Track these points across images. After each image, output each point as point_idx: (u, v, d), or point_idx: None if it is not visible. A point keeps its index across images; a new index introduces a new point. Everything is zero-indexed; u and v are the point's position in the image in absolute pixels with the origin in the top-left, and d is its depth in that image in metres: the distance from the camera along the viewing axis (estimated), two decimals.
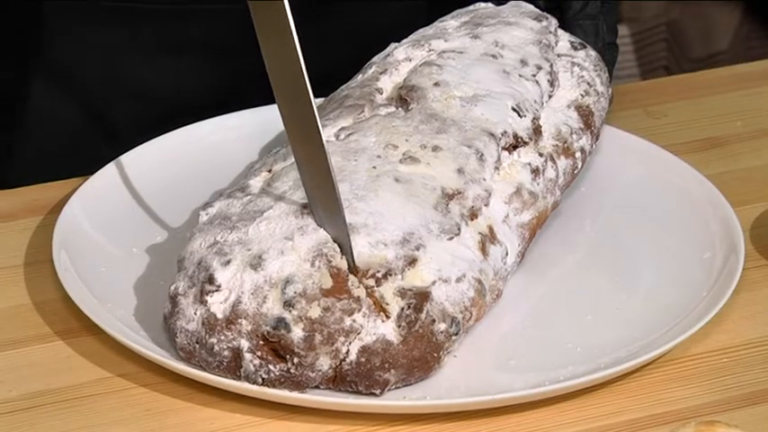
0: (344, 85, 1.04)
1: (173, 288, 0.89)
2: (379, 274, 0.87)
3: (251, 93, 1.06)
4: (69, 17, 1.21)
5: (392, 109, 0.98)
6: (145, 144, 1.07)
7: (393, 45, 1.04)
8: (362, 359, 0.86)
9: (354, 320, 0.86)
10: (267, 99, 0.95)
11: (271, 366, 0.86)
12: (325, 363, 0.86)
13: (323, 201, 0.90)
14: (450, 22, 1.06)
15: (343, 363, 0.86)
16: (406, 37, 1.10)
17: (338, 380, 0.87)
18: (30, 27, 1.21)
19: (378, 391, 0.87)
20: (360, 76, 1.03)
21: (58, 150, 1.25)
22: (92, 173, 1.05)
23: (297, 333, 0.85)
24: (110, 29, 1.22)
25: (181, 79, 1.22)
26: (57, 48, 1.22)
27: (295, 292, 0.86)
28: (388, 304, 0.87)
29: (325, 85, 1.09)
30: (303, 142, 0.90)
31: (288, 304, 0.86)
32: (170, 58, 1.21)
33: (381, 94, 1.00)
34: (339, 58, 1.17)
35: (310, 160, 0.90)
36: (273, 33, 0.87)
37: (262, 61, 0.89)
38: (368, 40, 1.17)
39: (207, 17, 1.18)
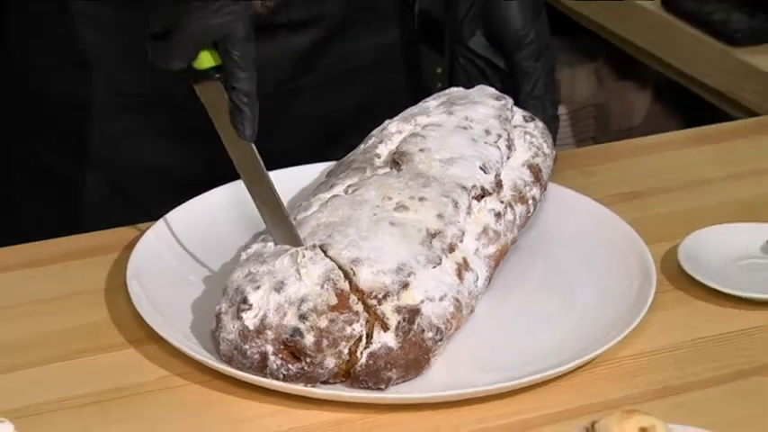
0: (351, 153, 1.04)
1: (217, 308, 0.90)
2: (380, 296, 0.87)
3: None
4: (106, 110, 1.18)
5: (387, 170, 0.98)
6: (197, 197, 1.07)
7: (387, 121, 1.04)
8: (371, 362, 0.87)
9: (354, 329, 0.87)
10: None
11: (289, 365, 0.87)
12: (331, 362, 0.86)
13: (274, 220, 0.92)
14: (431, 102, 1.06)
15: (356, 365, 0.87)
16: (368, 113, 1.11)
17: (352, 378, 0.87)
18: (78, 117, 1.18)
19: (382, 386, 0.87)
20: (362, 146, 1.03)
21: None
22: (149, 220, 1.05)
23: (309, 339, 0.86)
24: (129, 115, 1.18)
25: (189, 156, 1.19)
26: (99, 134, 1.19)
27: (308, 308, 0.86)
28: (388, 319, 0.87)
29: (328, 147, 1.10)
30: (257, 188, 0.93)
31: (302, 317, 0.86)
32: (180, 138, 1.18)
33: (379, 158, 1.00)
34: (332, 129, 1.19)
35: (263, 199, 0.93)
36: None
37: None
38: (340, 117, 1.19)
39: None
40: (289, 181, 1.06)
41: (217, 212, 1.06)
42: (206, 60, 0.93)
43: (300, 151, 1.09)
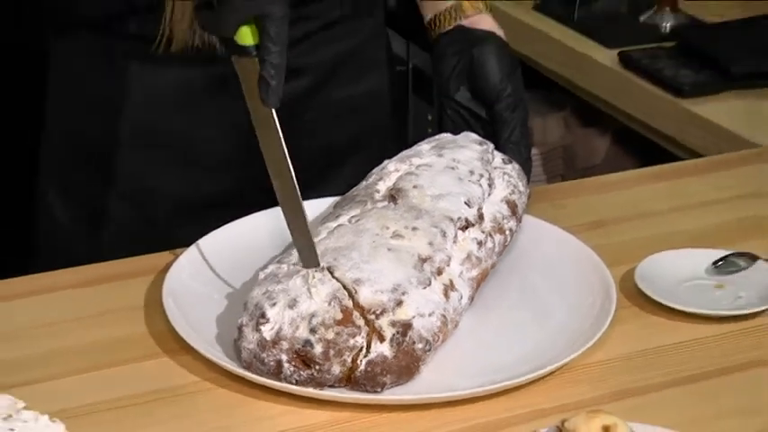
0: (354, 188, 1.03)
1: (239, 321, 0.89)
2: (378, 311, 0.87)
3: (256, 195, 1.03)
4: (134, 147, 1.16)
5: (386, 203, 0.98)
6: (221, 228, 1.05)
7: (386, 161, 1.04)
8: (369, 369, 0.86)
9: (356, 341, 0.86)
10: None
11: (301, 372, 0.86)
12: (336, 369, 0.86)
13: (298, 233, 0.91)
14: (424, 146, 1.05)
15: (356, 371, 0.86)
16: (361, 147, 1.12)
17: (353, 382, 0.87)
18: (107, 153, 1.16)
19: (379, 390, 0.87)
20: (364, 182, 1.03)
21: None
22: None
23: (318, 349, 0.85)
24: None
25: (208, 185, 1.17)
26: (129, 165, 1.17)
27: (317, 322, 0.86)
28: (384, 331, 0.87)
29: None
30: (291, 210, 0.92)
31: (312, 330, 0.86)
32: (202, 169, 1.16)
33: (378, 193, 0.99)
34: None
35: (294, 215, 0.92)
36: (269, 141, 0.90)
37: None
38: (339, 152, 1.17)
39: (221, 140, 1.14)
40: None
41: (238, 240, 1.04)
42: (246, 37, 0.90)
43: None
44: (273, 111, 0.91)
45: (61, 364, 0.91)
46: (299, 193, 0.93)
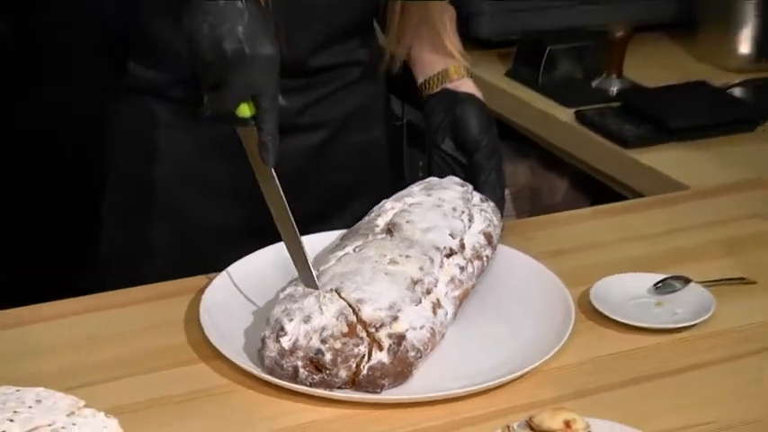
0: (358, 222, 1.03)
1: (262, 334, 0.89)
2: (378, 325, 0.87)
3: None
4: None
5: (384, 235, 0.97)
6: (248, 256, 1.05)
7: (384, 200, 1.03)
8: (370, 373, 0.86)
9: (359, 350, 0.86)
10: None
11: (314, 376, 0.86)
12: (343, 373, 0.85)
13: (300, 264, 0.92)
14: (415, 188, 1.05)
15: (359, 375, 0.86)
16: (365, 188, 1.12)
17: (357, 384, 0.86)
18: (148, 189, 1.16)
19: (378, 391, 0.86)
20: (366, 218, 1.02)
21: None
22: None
23: (328, 357, 0.85)
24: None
25: (236, 216, 1.16)
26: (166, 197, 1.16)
27: (327, 335, 0.86)
28: (382, 342, 0.86)
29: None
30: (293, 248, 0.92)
31: (323, 341, 0.85)
32: (232, 201, 1.15)
33: (378, 227, 0.99)
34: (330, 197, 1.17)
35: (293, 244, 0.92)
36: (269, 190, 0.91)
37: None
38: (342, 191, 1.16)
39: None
40: (312, 243, 1.04)
41: (262, 266, 1.04)
42: (244, 111, 0.92)
43: (311, 216, 1.08)
44: (273, 169, 0.92)
45: (115, 369, 0.91)
46: (298, 233, 0.94)
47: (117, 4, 1.19)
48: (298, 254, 0.94)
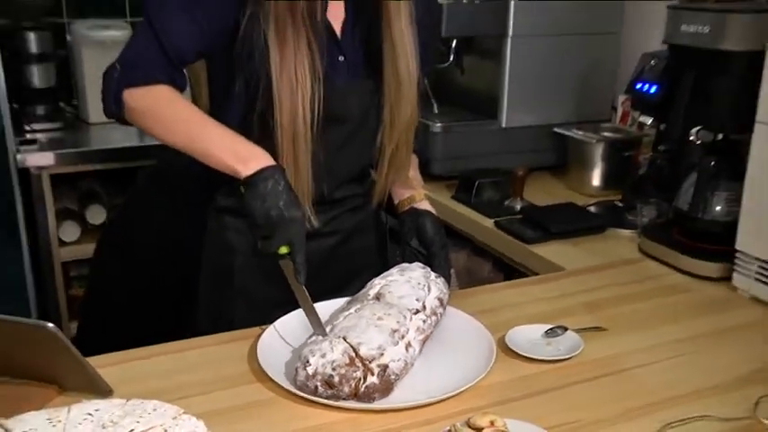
0: (358, 293, 1.01)
1: (296, 365, 0.87)
2: (370, 359, 0.86)
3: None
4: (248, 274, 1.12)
5: (374, 301, 0.97)
6: (288, 314, 1.02)
7: (374, 279, 1.02)
8: (365, 390, 0.85)
9: (357, 375, 0.85)
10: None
11: (327, 391, 0.84)
12: (347, 390, 0.84)
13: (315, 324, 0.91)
14: (393, 270, 1.04)
15: (358, 392, 0.85)
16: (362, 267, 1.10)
17: (357, 397, 0.85)
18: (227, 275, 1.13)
19: (371, 401, 0.85)
20: (363, 290, 1.01)
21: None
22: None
23: (336, 379, 0.84)
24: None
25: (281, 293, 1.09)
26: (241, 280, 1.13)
27: (336, 365, 0.84)
28: (373, 370, 0.85)
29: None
30: (308, 308, 0.93)
31: (333, 369, 0.84)
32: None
33: (370, 296, 0.98)
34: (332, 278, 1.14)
35: (310, 313, 0.92)
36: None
37: None
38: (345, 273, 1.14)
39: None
40: (324, 307, 1.03)
41: (296, 323, 1.01)
42: (283, 250, 0.95)
43: (328, 290, 1.07)
44: (303, 285, 0.94)
45: (202, 387, 0.89)
46: (314, 308, 0.94)
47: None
48: (314, 320, 0.95)
